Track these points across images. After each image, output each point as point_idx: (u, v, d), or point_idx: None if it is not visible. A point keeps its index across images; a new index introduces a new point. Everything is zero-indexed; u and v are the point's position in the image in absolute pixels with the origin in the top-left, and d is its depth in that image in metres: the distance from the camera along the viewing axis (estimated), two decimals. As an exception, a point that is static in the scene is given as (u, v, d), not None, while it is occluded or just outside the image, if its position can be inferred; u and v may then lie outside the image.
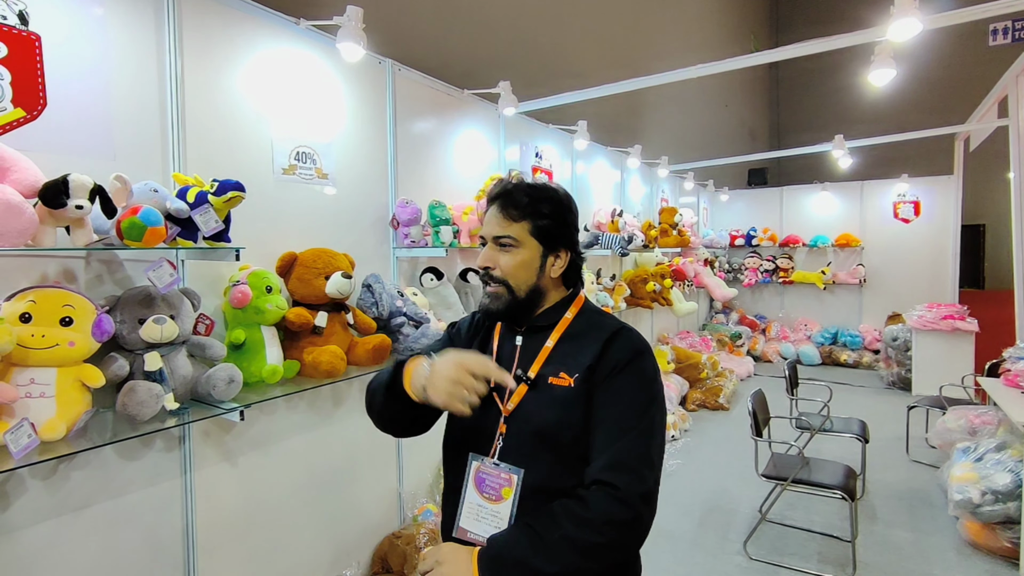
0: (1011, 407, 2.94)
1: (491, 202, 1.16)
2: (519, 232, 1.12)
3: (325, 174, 2.39)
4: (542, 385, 1.10)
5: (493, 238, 1.14)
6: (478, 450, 1.13)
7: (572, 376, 1.08)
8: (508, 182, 1.17)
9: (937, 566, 2.83)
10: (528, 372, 1.12)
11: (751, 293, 8.28)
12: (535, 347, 1.14)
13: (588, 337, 1.12)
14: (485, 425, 1.13)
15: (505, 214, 1.12)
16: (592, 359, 1.08)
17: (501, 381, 1.03)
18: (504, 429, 1.10)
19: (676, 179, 6.98)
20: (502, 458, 1.09)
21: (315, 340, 2.14)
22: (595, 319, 1.17)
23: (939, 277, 7.07)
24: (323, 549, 2.37)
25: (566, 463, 1.06)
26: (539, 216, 1.13)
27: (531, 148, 3.91)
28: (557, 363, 1.11)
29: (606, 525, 0.95)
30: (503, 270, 1.13)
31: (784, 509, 3.40)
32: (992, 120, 5.33)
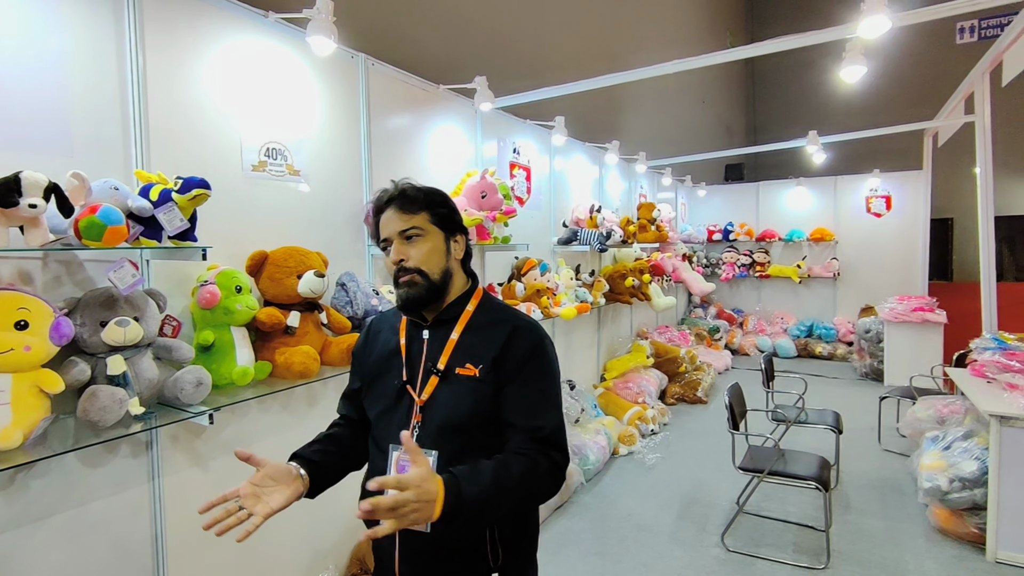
0: (977, 396, 3.02)
1: (384, 208, 1.23)
2: (421, 222, 1.21)
3: (297, 171, 2.34)
4: (451, 376, 1.19)
5: (399, 233, 1.20)
6: (396, 439, 1.19)
7: (477, 367, 1.17)
8: (391, 188, 1.23)
9: (908, 552, 2.90)
10: (438, 364, 1.20)
11: (729, 287, 8.38)
12: (441, 340, 1.22)
13: (491, 330, 1.22)
14: (402, 416, 1.21)
15: (404, 210, 1.20)
16: (497, 350, 1.18)
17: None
18: (419, 418, 1.18)
19: (654, 175, 7.02)
20: (419, 444, 1.15)
21: (287, 340, 2.09)
22: (495, 312, 1.27)
23: (909, 270, 7.24)
24: (299, 553, 2.33)
25: (475, 446, 1.15)
26: (435, 205, 1.23)
27: (509, 144, 3.89)
28: (463, 354, 1.20)
29: (547, 478, 1.13)
30: (415, 260, 1.20)
31: (761, 500, 3.45)
32: (959, 116, 5.45)
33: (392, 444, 1.21)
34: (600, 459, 3.86)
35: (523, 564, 1.26)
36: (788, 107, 17.30)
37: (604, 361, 5.28)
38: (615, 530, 3.12)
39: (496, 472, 1.05)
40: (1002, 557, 2.78)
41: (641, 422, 4.54)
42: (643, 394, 4.83)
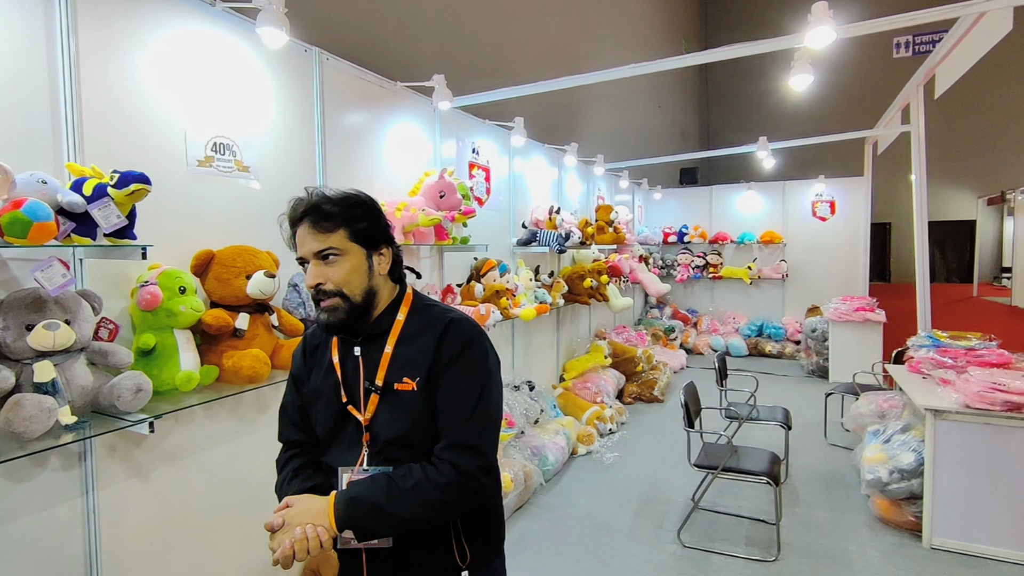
0: (914, 391, 3.18)
1: (298, 222, 1.15)
2: (339, 241, 1.13)
3: (246, 167, 2.25)
4: (390, 392, 1.16)
5: (314, 254, 1.13)
6: (348, 461, 1.17)
7: (415, 380, 1.14)
8: (305, 199, 1.15)
9: (852, 542, 3.02)
10: (375, 380, 1.16)
11: (683, 288, 8.59)
12: (375, 355, 1.18)
13: (422, 337, 1.17)
14: (350, 437, 1.19)
15: (319, 228, 1.12)
16: (430, 359, 1.15)
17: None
18: (368, 437, 1.16)
19: (612, 177, 7.12)
20: (371, 463, 1.16)
21: (236, 343, 2.00)
22: (425, 316, 1.21)
23: (852, 271, 7.59)
24: (248, 567, 2.23)
25: (425, 458, 1.14)
26: (354, 220, 1.14)
27: (468, 144, 3.86)
28: (399, 368, 1.16)
29: (450, 487, 1.09)
30: (335, 282, 1.13)
31: (715, 496, 3.54)
32: (896, 126, 5.75)
33: (340, 467, 1.17)
34: (559, 459, 3.88)
35: (491, 557, 1.27)
36: (740, 113, 17.90)
37: (563, 361, 5.31)
38: (574, 530, 3.13)
39: (390, 479, 1.09)
40: (936, 543, 2.93)
41: (599, 421, 4.59)
42: (601, 394, 4.89)
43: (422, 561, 1.18)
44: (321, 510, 1.07)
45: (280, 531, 1.07)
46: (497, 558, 1.30)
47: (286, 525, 1.07)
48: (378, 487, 1.09)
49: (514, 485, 3.24)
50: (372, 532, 1.09)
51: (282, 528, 1.07)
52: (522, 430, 3.82)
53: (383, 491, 1.08)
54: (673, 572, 2.77)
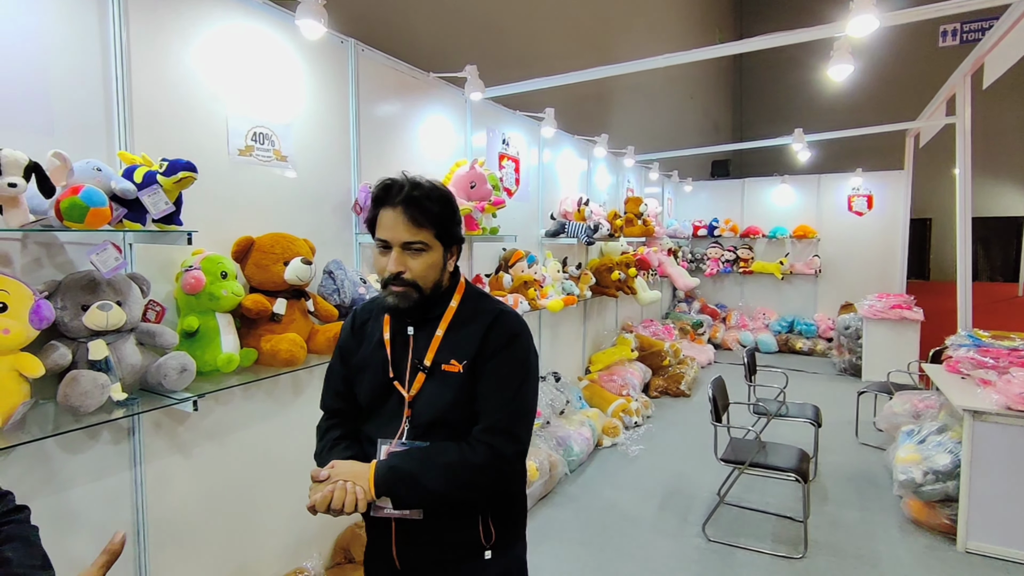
0: (952, 391, 3.09)
1: (389, 205, 1.17)
2: (427, 237, 1.18)
3: (284, 156, 2.31)
4: (437, 372, 1.21)
5: (402, 243, 1.16)
6: (387, 434, 1.22)
7: (461, 363, 1.20)
8: (404, 187, 1.17)
9: (882, 543, 2.97)
10: (424, 360, 1.22)
11: (712, 282, 8.47)
12: (427, 337, 1.24)
13: (472, 325, 1.23)
14: (392, 411, 1.23)
15: (413, 221, 1.16)
16: (477, 346, 1.21)
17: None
18: (409, 413, 1.21)
19: (642, 169, 7.05)
20: (409, 438, 1.21)
21: (273, 328, 2.07)
22: (477, 305, 1.27)
23: (888, 268, 7.37)
24: (283, 541, 2.32)
25: (461, 437, 1.20)
26: (444, 221, 1.20)
27: (498, 135, 3.88)
28: (448, 351, 1.22)
29: (484, 468, 1.15)
30: (414, 274, 1.18)
31: (741, 492, 3.51)
32: (940, 118, 5.54)
33: (380, 438, 1.22)
34: (584, 450, 3.89)
35: (513, 539, 1.31)
36: (775, 104, 17.45)
37: (589, 354, 5.31)
38: (598, 520, 3.15)
39: (428, 453, 1.16)
40: (972, 547, 2.86)
41: (625, 414, 4.58)
42: (627, 387, 4.88)
43: (449, 537, 1.23)
44: (363, 473, 1.14)
45: (324, 482, 1.14)
46: (519, 543, 1.34)
47: (330, 479, 1.14)
48: (416, 459, 1.15)
49: (539, 474, 3.27)
50: (406, 501, 1.14)
51: (326, 480, 1.14)
52: (548, 420, 3.85)
53: (420, 463, 1.14)
54: (697, 565, 2.77)
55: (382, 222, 1.19)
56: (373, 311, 1.35)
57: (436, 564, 1.25)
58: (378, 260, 1.22)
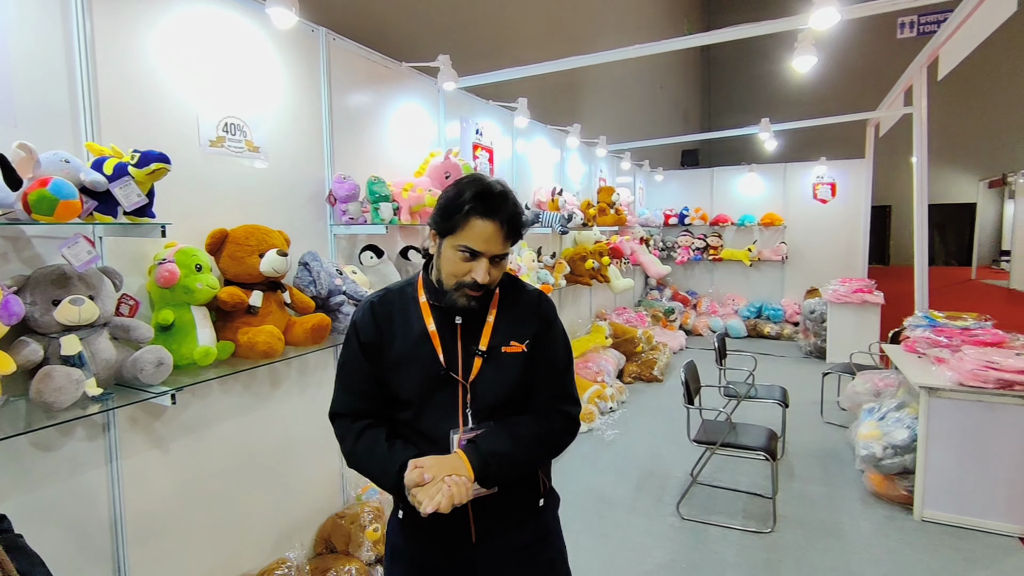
0: (909, 370, 3.25)
1: (490, 217, 1.17)
2: (509, 249, 1.25)
3: (256, 147, 2.28)
4: (495, 355, 1.25)
5: (493, 255, 1.20)
6: (444, 423, 1.24)
7: (523, 343, 1.27)
8: (503, 195, 1.20)
9: (845, 515, 3.12)
10: (479, 346, 1.25)
11: (683, 270, 8.63)
12: (476, 324, 1.26)
13: (521, 307, 1.31)
14: (448, 400, 1.24)
15: (507, 238, 1.21)
16: (535, 326, 1.30)
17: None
18: (470, 398, 1.24)
19: (614, 159, 7.12)
20: (474, 422, 1.25)
21: (250, 320, 2.06)
22: (517, 289, 1.35)
23: (851, 254, 7.63)
24: (264, 533, 2.32)
25: (518, 410, 1.29)
26: (522, 231, 1.26)
27: (471, 124, 3.88)
28: (503, 334, 1.27)
29: (564, 432, 1.30)
30: (493, 279, 1.23)
31: (714, 472, 3.63)
32: (899, 108, 5.74)
33: (451, 430, 1.23)
34: (561, 436, 3.96)
35: (550, 483, 1.43)
36: (743, 94, 17.75)
37: (565, 342, 5.37)
38: (575, 503, 3.23)
39: (511, 432, 1.23)
40: (927, 516, 3.02)
41: (600, 400, 4.67)
42: (602, 373, 4.96)
43: (515, 497, 1.32)
44: (458, 465, 1.17)
45: (429, 484, 1.13)
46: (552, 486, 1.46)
47: (433, 479, 1.14)
48: (503, 439, 1.22)
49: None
50: (503, 480, 1.22)
51: (431, 482, 1.14)
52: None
53: (511, 443, 1.22)
54: (672, 543, 2.87)
55: (475, 231, 1.17)
56: (394, 303, 1.29)
57: (506, 525, 1.32)
58: (458, 265, 1.19)
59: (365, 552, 2.46)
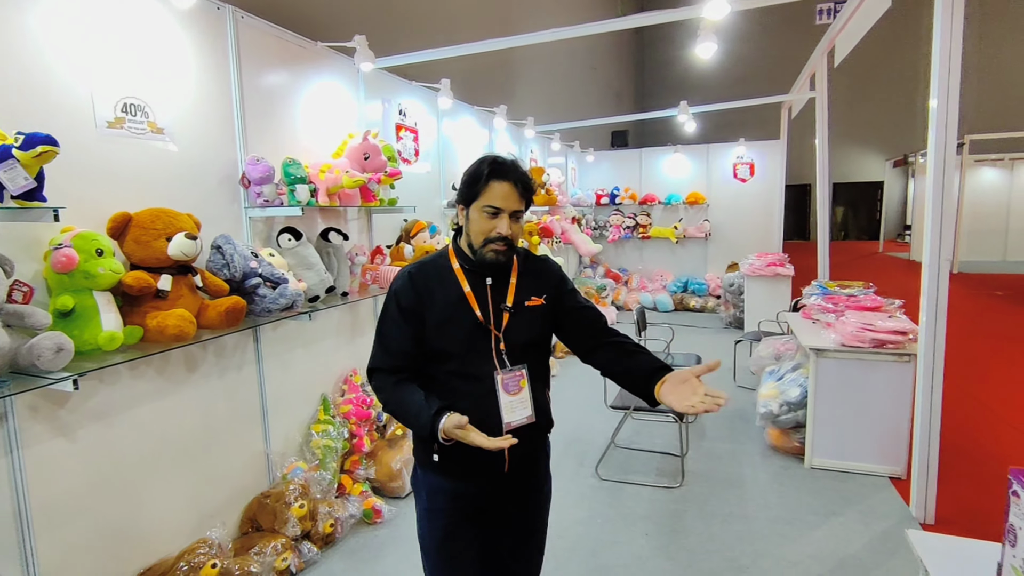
0: (803, 334, 3.58)
1: (504, 179, 1.42)
2: (525, 207, 1.47)
3: (160, 128, 2.23)
4: (521, 309, 1.50)
5: (512, 212, 1.43)
6: (484, 366, 1.46)
7: (542, 297, 1.53)
8: (513, 162, 1.45)
9: (746, 467, 3.43)
10: (507, 303, 1.49)
11: (615, 248, 8.94)
12: (502, 285, 1.51)
13: (537, 269, 1.58)
14: (485, 346, 1.46)
15: (522, 195, 1.45)
16: (552, 283, 1.57)
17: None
18: (503, 346, 1.47)
19: (545, 140, 7.24)
20: (508, 363, 1.47)
21: (159, 304, 2.04)
22: (532, 257, 1.61)
23: (769, 230, 8.12)
24: (183, 516, 2.33)
25: (542, 357, 1.56)
26: (532, 194, 1.50)
27: (394, 105, 3.88)
28: (525, 292, 1.52)
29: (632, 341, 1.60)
30: (514, 235, 1.45)
31: (633, 436, 3.88)
32: (806, 92, 6.13)
33: (493, 370, 1.45)
34: (491, 410, 4.10)
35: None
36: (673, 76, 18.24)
37: (498, 320, 5.49)
38: (503, 472, 3.38)
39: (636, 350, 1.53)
40: (816, 463, 3.37)
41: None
42: (533, 349, 5.13)
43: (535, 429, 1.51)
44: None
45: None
46: None
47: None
48: (653, 356, 1.50)
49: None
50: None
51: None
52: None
53: (656, 357, 1.50)
54: (589, 501, 3.08)
55: (495, 192, 1.42)
56: (431, 272, 1.50)
57: (529, 457, 1.55)
58: (484, 223, 1.43)
59: (291, 528, 2.51)
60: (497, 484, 1.52)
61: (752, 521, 2.85)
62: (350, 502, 2.88)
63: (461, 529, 1.53)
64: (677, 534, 2.77)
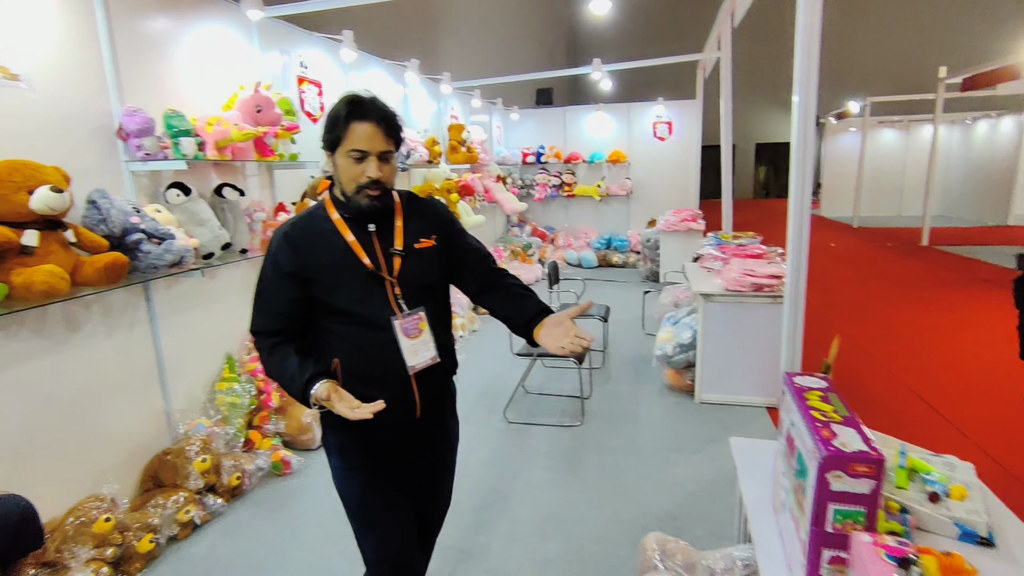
0: (696, 281, 3.84)
1: (364, 119, 1.34)
2: (393, 147, 1.40)
3: (14, 74, 2.10)
4: (412, 252, 1.46)
5: (380, 153, 1.36)
6: (382, 313, 1.41)
7: (431, 238, 1.50)
8: (372, 100, 1.37)
9: (643, 405, 3.71)
10: (395, 247, 1.45)
11: (542, 207, 9.08)
12: (388, 229, 1.46)
13: (422, 211, 1.53)
14: (377, 295, 1.42)
15: (388, 135, 1.37)
16: (439, 223, 1.53)
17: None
18: (398, 290, 1.44)
19: (466, 96, 7.16)
20: (406, 307, 1.44)
21: (26, 260, 1.97)
22: (416, 199, 1.57)
23: (688, 188, 8.47)
24: (74, 475, 2.30)
25: (441, 299, 1.54)
26: (400, 132, 1.42)
27: (294, 57, 3.75)
28: (413, 233, 1.48)
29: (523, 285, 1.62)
30: (386, 178, 1.39)
31: (543, 382, 4.10)
32: (714, 52, 6.33)
33: (391, 317, 1.41)
34: (408, 364, 4.20)
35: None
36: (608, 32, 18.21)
37: (419, 278, 5.53)
38: (416, 421, 3.51)
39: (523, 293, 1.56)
40: (704, 399, 3.69)
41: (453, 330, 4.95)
42: (455, 305, 5.24)
43: (441, 371, 1.52)
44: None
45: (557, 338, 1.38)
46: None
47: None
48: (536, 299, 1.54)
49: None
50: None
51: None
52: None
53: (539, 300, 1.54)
54: (496, 443, 3.26)
55: (357, 134, 1.34)
56: (308, 228, 1.44)
57: (438, 399, 1.56)
58: (352, 168, 1.36)
59: (193, 482, 2.55)
60: (410, 430, 1.51)
61: (641, 451, 3.12)
62: (259, 456, 2.93)
63: (380, 480, 1.51)
64: (573, 466, 3.00)
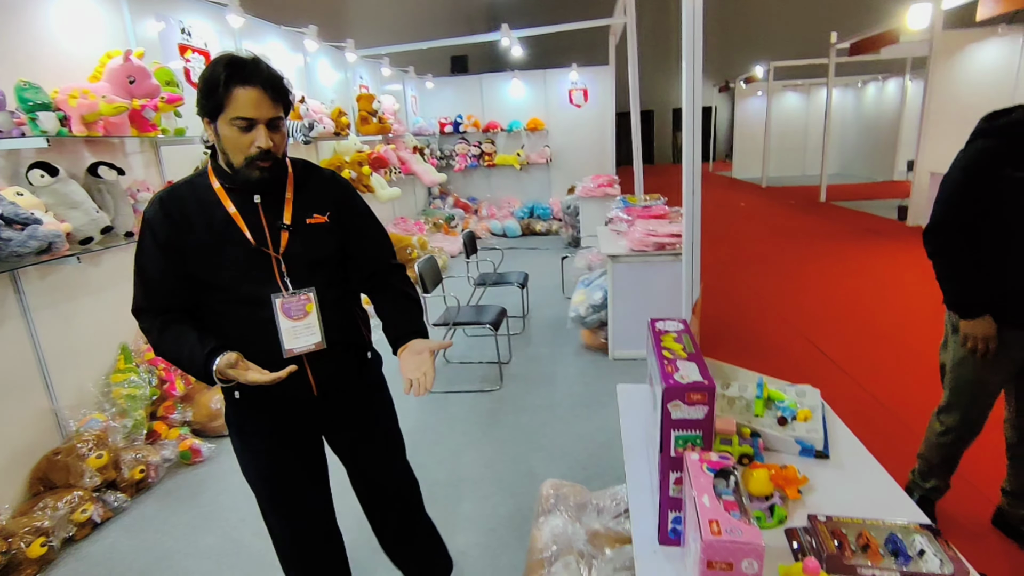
0: (605, 244, 3.97)
1: (248, 84, 1.21)
2: (282, 112, 1.29)
3: None
4: (301, 228, 1.36)
5: (268, 120, 1.25)
6: (264, 290, 1.33)
7: (324, 214, 1.40)
8: (255, 62, 1.24)
9: (560, 365, 3.84)
10: (283, 220, 1.35)
11: (463, 177, 9.01)
12: (275, 202, 1.35)
13: (317, 184, 1.43)
14: (264, 270, 1.34)
15: (275, 99, 1.26)
16: (336, 199, 1.43)
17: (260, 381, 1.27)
18: (284, 268, 1.35)
19: (375, 64, 6.92)
20: (293, 287, 1.36)
21: None
22: (311, 169, 1.46)
23: (605, 154, 8.63)
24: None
25: (335, 279, 1.44)
26: (289, 97, 1.32)
27: (174, 24, 3.48)
28: (304, 207, 1.38)
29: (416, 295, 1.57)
30: (278, 147, 1.29)
31: (467, 351, 4.14)
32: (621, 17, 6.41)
33: (272, 294, 1.33)
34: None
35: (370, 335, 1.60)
36: None
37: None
38: (335, 398, 3.47)
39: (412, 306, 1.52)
40: (617, 355, 3.87)
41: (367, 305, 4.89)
42: (374, 281, 5.16)
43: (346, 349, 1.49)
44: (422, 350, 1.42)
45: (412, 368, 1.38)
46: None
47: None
48: (416, 315, 1.51)
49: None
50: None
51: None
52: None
53: (419, 316, 1.52)
54: (416, 413, 3.30)
55: (240, 100, 1.21)
56: (187, 195, 1.32)
57: (342, 377, 1.49)
58: (239, 138, 1.24)
59: (89, 479, 2.42)
60: (310, 409, 1.47)
61: (556, 409, 3.25)
62: (165, 446, 2.82)
63: (283, 461, 1.48)
64: (490, 428, 3.09)
